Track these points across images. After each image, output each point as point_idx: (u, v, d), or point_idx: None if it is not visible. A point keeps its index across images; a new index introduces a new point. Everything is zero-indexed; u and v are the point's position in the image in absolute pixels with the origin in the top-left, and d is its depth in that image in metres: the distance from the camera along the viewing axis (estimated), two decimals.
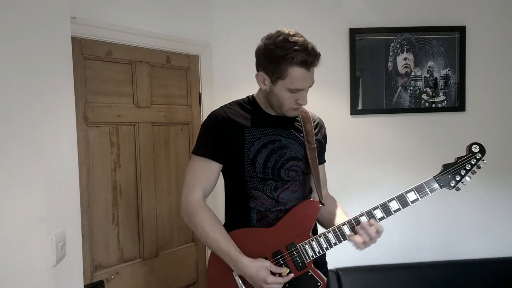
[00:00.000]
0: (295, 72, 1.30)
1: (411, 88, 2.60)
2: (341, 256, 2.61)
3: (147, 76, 2.05)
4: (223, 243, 1.33)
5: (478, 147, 1.37)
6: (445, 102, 2.62)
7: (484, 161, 1.38)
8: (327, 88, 2.57)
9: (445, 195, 2.64)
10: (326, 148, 1.61)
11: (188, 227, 2.29)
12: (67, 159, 1.36)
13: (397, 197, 1.35)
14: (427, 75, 2.61)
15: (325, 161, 1.61)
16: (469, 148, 1.38)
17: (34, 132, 1.12)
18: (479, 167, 1.37)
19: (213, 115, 1.43)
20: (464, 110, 2.63)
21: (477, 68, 2.63)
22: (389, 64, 2.59)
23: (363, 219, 1.36)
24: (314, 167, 1.45)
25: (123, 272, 1.93)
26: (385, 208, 1.36)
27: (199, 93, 2.33)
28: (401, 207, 1.35)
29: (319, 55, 1.33)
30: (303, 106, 1.44)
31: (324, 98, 2.57)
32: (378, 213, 1.35)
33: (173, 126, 2.19)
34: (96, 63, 1.83)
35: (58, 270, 1.24)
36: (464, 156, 1.38)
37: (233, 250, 1.32)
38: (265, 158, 1.38)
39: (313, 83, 1.38)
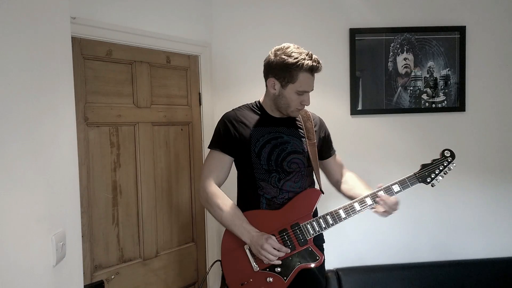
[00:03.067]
0: (304, 77, 1.56)
1: (411, 88, 2.61)
2: (341, 256, 2.61)
3: (147, 76, 2.05)
4: (236, 218, 1.57)
5: (449, 152, 1.62)
6: (445, 102, 2.62)
7: (454, 165, 1.62)
8: (327, 88, 2.57)
9: (445, 195, 2.67)
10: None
11: (187, 227, 2.30)
12: (67, 159, 1.36)
13: (384, 188, 1.59)
14: (427, 75, 2.61)
15: (335, 152, 1.84)
16: (442, 153, 1.63)
17: (34, 132, 1.12)
18: (450, 169, 1.61)
19: (226, 116, 1.69)
20: (464, 110, 2.63)
21: (477, 68, 2.63)
22: (389, 64, 2.59)
23: (356, 205, 1.60)
24: (314, 161, 1.67)
25: (123, 272, 1.93)
26: (374, 197, 1.60)
27: (199, 93, 2.33)
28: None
29: (321, 63, 1.59)
30: (305, 107, 1.67)
31: (324, 98, 2.58)
32: (368, 200, 1.60)
33: (173, 126, 2.19)
34: (96, 63, 1.83)
35: (58, 270, 1.24)
36: (438, 159, 1.63)
37: (245, 223, 1.57)
38: (268, 152, 1.62)
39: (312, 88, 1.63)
